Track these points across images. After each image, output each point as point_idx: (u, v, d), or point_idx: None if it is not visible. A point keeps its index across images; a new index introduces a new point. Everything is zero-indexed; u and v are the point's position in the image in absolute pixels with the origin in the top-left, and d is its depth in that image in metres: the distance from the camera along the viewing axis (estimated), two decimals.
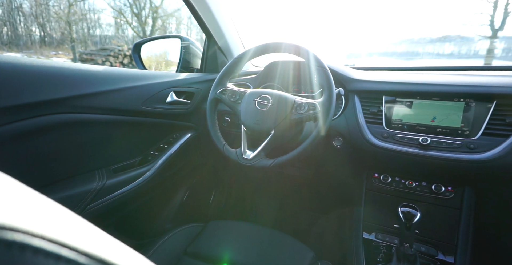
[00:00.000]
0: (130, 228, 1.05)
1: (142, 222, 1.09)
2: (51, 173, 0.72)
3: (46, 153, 0.69)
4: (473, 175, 0.76)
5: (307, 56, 0.79)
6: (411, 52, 7.42)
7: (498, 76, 0.82)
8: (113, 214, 0.91)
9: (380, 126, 0.87)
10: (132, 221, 1.04)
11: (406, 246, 0.74)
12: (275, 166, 0.76)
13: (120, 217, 0.95)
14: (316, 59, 0.78)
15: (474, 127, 0.74)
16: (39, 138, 0.66)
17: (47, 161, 0.70)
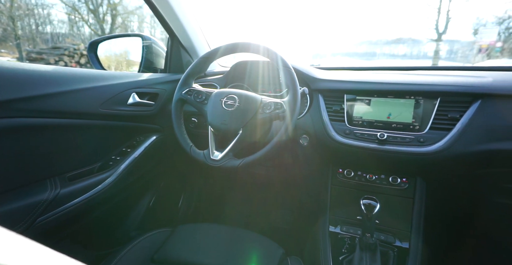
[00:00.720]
0: (89, 239, 0.98)
1: (103, 231, 1.03)
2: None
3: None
4: (423, 166, 0.84)
5: (272, 56, 0.80)
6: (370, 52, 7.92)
7: (442, 75, 0.90)
8: (69, 226, 0.84)
9: (343, 123, 0.91)
10: (91, 232, 0.97)
11: (367, 236, 0.79)
12: (244, 165, 0.76)
13: (77, 228, 0.88)
14: (281, 59, 0.80)
15: (423, 122, 0.82)
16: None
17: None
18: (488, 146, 0.74)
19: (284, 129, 0.75)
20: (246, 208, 1.44)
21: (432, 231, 0.92)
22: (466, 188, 0.90)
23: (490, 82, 0.77)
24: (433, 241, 0.92)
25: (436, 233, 0.96)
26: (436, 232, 0.95)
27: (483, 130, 0.74)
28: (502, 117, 0.74)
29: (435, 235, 0.95)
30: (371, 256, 0.79)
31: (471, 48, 6.43)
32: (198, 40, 1.18)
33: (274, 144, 0.75)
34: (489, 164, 0.78)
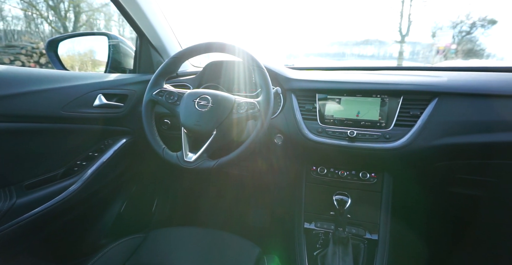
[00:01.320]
0: (53, 250, 0.92)
1: (69, 241, 0.96)
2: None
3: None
4: (389, 161, 0.89)
5: (245, 57, 0.81)
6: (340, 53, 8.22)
7: (405, 75, 0.96)
8: (29, 237, 0.78)
9: (315, 122, 0.94)
10: (56, 242, 0.91)
11: (340, 230, 0.82)
12: (219, 166, 0.76)
13: (39, 240, 0.82)
14: (254, 59, 0.80)
15: (389, 119, 0.86)
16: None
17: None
18: (445, 140, 0.80)
19: (258, 129, 0.75)
20: (223, 209, 1.43)
21: (399, 222, 0.98)
22: (427, 180, 0.97)
23: (445, 81, 0.84)
24: (399, 232, 0.98)
25: (402, 224, 1.02)
26: (402, 223, 1.02)
27: (441, 126, 0.80)
28: (456, 113, 0.80)
29: (401, 226, 1.01)
30: (344, 250, 0.83)
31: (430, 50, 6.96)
32: (168, 40, 1.15)
33: (249, 144, 0.75)
34: (447, 157, 0.84)
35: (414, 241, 1.11)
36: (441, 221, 1.12)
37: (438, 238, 1.14)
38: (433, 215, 1.11)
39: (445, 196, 1.03)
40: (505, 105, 0.77)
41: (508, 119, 0.76)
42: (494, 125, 0.77)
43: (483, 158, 0.82)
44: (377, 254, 0.89)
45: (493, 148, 0.78)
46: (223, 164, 0.76)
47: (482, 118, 0.78)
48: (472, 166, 0.85)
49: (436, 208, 1.09)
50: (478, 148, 0.79)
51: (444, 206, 1.08)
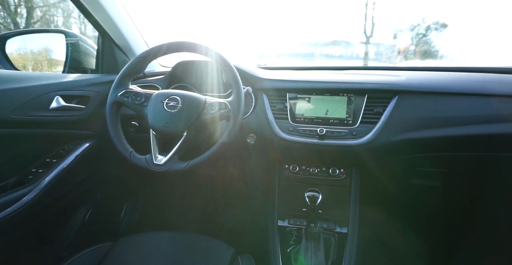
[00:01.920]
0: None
1: (23, 256, 0.88)
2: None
3: None
4: (356, 156, 0.93)
5: (214, 57, 0.80)
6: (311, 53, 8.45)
7: (369, 74, 1.01)
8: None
9: (286, 121, 0.96)
10: (10, 258, 0.83)
11: (312, 226, 0.85)
12: (190, 168, 0.74)
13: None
14: (223, 59, 0.79)
15: (355, 117, 0.91)
16: None
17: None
18: (406, 135, 0.86)
19: (230, 129, 0.75)
20: (196, 211, 1.41)
21: (367, 214, 1.03)
22: (390, 174, 1.04)
23: (403, 80, 0.90)
24: (367, 224, 1.04)
25: (369, 216, 1.08)
26: (369, 215, 1.07)
27: (401, 122, 0.86)
28: (414, 110, 0.86)
29: (369, 218, 1.07)
30: (316, 244, 0.86)
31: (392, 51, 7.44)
32: (134, 39, 1.10)
33: (221, 144, 0.75)
34: (408, 151, 0.91)
35: (381, 232, 1.18)
36: (404, 211, 1.20)
37: (402, 228, 1.22)
38: (397, 206, 1.19)
39: (407, 187, 1.10)
40: (455, 102, 0.84)
41: (459, 115, 0.83)
42: (447, 120, 0.84)
43: (439, 151, 0.89)
44: (347, 247, 0.93)
45: (447, 141, 0.85)
46: (195, 166, 0.74)
47: (436, 114, 0.85)
48: (430, 159, 0.92)
49: (400, 199, 1.17)
50: (434, 142, 0.86)
51: (407, 197, 1.16)
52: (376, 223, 1.15)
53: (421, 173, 1.00)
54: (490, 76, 0.91)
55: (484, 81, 0.87)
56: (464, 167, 0.93)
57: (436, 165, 0.95)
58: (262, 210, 1.13)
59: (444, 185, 1.02)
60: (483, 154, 0.86)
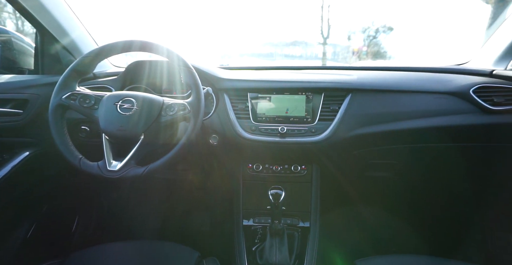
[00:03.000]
0: None
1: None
2: None
3: None
4: (316, 153, 0.97)
5: (171, 56, 0.77)
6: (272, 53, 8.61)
7: (325, 74, 1.07)
8: None
9: (248, 120, 0.96)
10: None
11: (276, 223, 0.86)
12: (149, 173, 0.70)
13: None
14: (180, 59, 0.77)
15: (313, 115, 0.95)
16: None
17: None
18: (359, 131, 0.92)
19: (191, 130, 0.73)
20: (158, 217, 1.35)
21: (327, 207, 1.08)
22: (347, 168, 1.10)
23: (355, 79, 0.96)
24: (329, 217, 1.09)
25: (330, 208, 1.13)
26: (330, 208, 1.13)
27: (355, 118, 0.92)
28: (366, 107, 0.93)
29: (329, 210, 1.12)
30: (280, 241, 0.88)
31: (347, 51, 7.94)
32: (80, 37, 1.01)
33: (181, 146, 0.72)
34: (361, 145, 0.97)
35: (340, 223, 1.25)
36: (361, 202, 1.29)
37: (360, 218, 1.31)
38: (354, 198, 1.27)
39: (362, 179, 1.18)
40: (400, 99, 0.93)
41: (403, 110, 0.92)
42: (393, 116, 0.92)
43: (388, 144, 0.97)
44: (309, 240, 0.96)
45: (394, 135, 0.93)
46: (155, 170, 0.71)
47: (384, 110, 0.92)
48: (381, 152, 1.00)
49: (356, 191, 1.25)
50: (383, 136, 0.93)
51: (362, 189, 1.25)
52: (336, 215, 1.21)
53: (374, 165, 1.08)
54: (427, 75, 1.01)
55: (422, 80, 0.97)
56: (409, 158, 1.03)
57: (386, 157, 1.03)
58: (227, 211, 1.13)
59: (394, 175, 1.12)
60: (424, 145, 0.96)
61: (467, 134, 0.91)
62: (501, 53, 0.97)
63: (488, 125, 0.87)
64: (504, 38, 0.95)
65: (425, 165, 1.05)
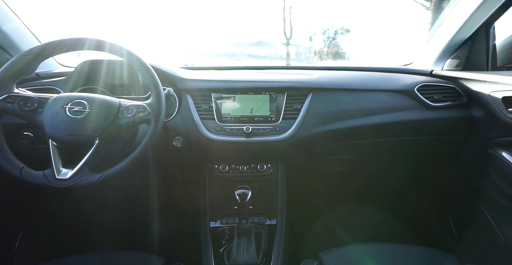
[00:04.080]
0: None
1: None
2: None
3: None
4: (280, 151, 0.99)
5: (127, 56, 0.73)
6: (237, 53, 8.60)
7: (288, 73, 1.09)
8: None
9: (213, 121, 0.95)
10: None
11: (243, 223, 0.86)
12: (106, 179, 0.66)
13: None
14: (137, 58, 0.73)
15: (277, 114, 0.97)
16: None
17: None
18: (321, 128, 0.96)
19: (151, 133, 0.70)
20: (120, 226, 1.27)
21: (293, 203, 1.11)
22: (310, 164, 1.14)
23: (316, 79, 1.00)
24: (295, 213, 1.12)
25: (296, 204, 1.16)
26: (296, 204, 1.16)
27: (316, 116, 0.96)
28: (326, 105, 0.97)
29: (295, 206, 1.15)
30: (248, 240, 0.88)
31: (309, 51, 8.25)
32: (16, 31, 0.91)
33: (141, 150, 0.69)
34: (323, 142, 1.02)
35: (306, 218, 1.29)
36: (324, 196, 1.35)
37: (324, 211, 1.36)
38: (318, 192, 1.33)
39: (324, 175, 1.24)
40: (356, 97, 0.99)
41: (361, 107, 0.98)
42: (350, 113, 0.97)
43: (347, 140, 1.03)
44: (276, 237, 0.98)
45: (352, 131, 0.99)
46: (112, 176, 0.66)
47: (342, 108, 0.97)
48: (340, 148, 1.06)
49: (319, 186, 1.30)
50: (344, 132, 0.99)
51: (325, 183, 1.31)
52: (301, 211, 1.25)
53: (335, 161, 1.14)
54: (379, 75, 1.09)
55: (375, 79, 1.05)
56: (367, 152, 1.10)
57: (346, 152, 1.09)
58: (193, 214, 1.10)
59: (353, 169, 1.19)
60: (379, 140, 1.03)
61: (414, 128, 1.00)
62: (438, 55, 1.09)
63: (430, 119, 0.96)
64: (439, 42, 1.07)
65: (380, 158, 1.14)
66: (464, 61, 1.03)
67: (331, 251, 0.73)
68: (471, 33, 0.98)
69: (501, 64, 0.97)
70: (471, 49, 1.01)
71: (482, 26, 0.95)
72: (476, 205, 1.07)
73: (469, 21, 0.94)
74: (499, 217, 0.99)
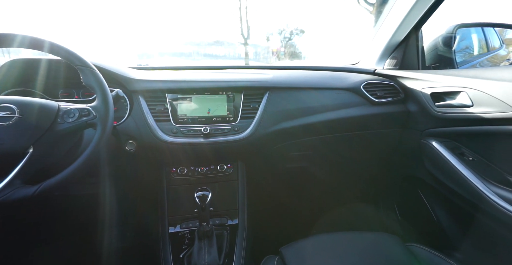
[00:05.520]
0: None
1: None
2: None
3: None
4: (240, 150, 1.00)
5: (64, 54, 0.66)
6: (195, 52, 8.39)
7: (245, 73, 1.10)
8: None
9: (169, 123, 0.92)
10: None
11: (204, 225, 0.85)
12: (44, 192, 0.59)
13: None
14: (77, 57, 0.67)
15: (235, 113, 0.97)
16: None
17: None
18: (278, 126, 0.99)
19: (98, 138, 0.65)
20: (70, 240, 1.15)
21: (255, 202, 1.12)
22: (270, 161, 1.17)
23: (271, 78, 1.03)
24: (256, 211, 1.14)
25: (257, 203, 1.18)
26: (257, 202, 1.18)
27: (273, 115, 0.98)
28: (282, 103, 1.01)
29: (257, 205, 1.17)
30: (209, 242, 0.87)
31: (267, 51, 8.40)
32: None
33: (86, 157, 0.63)
34: (281, 139, 1.05)
35: (267, 216, 1.31)
36: (284, 192, 1.39)
37: (284, 208, 1.41)
38: (278, 189, 1.36)
39: (284, 171, 1.28)
40: (310, 95, 1.04)
41: (315, 104, 1.03)
42: (305, 110, 1.02)
43: (303, 136, 1.08)
44: (237, 236, 0.98)
45: (307, 128, 1.04)
46: (52, 188, 0.60)
47: (298, 106, 1.02)
48: (298, 144, 1.10)
49: (279, 182, 1.34)
50: (300, 129, 1.03)
51: (285, 180, 1.35)
52: (263, 208, 1.27)
53: (293, 157, 1.18)
54: (330, 74, 1.16)
55: (327, 78, 1.11)
56: (322, 148, 1.16)
57: (303, 149, 1.14)
58: (151, 221, 1.05)
59: (310, 164, 1.25)
60: (333, 135, 1.10)
61: (361, 123, 1.08)
62: (379, 55, 1.20)
63: (374, 114, 1.06)
64: (380, 43, 1.17)
65: (334, 153, 1.21)
66: (400, 61, 1.15)
67: (291, 245, 0.75)
68: (404, 35, 1.10)
69: (429, 64, 1.11)
70: (405, 50, 1.14)
71: (413, 30, 1.07)
72: (414, 190, 1.21)
73: (402, 25, 1.05)
74: (433, 200, 1.13)
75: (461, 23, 1.08)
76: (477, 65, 1.26)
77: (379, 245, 0.73)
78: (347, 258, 0.67)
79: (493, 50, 1.35)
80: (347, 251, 0.70)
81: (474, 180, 0.81)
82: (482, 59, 1.31)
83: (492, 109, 0.73)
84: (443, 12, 1.01)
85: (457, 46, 1.08)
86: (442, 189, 1.00)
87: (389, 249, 0.71)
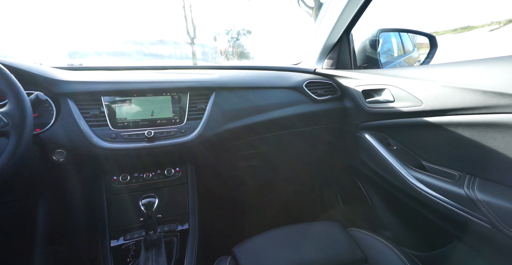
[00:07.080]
0: None
1: None
2: None
3: None
4: (188, 153, 0.97)
5: None
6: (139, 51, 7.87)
7: (190, 73, 1.06)
8: None
9: (106, 127, 0.84)
10: None
11: (151, 234, 0.80)
12: None
13: None
14: None
15: (181, 115, 0.93)
16: None
17: None
18: (226, 126, 0.99)
19: (13, 149, 0.56)
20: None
21: (206, 205, 1.10)
22: (220, 162, 1.15)
23: (217, 78, 1.02)
24: (208, 214, 1.12)
25: (209, 205, 1.16)
26: (209, 205, 1.16)
27: (221, 115, 0.98)
28: (229, 103, 1.01)
29: (209, 207, 1.15)
30: (157, 251, 0.81)
31: (215, 51, 8.33)
32: None
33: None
34: (231, 139, 1.05)
35: (219, 217, 1.30)
36: (236, 192, 1.40)
37: (236, 208, 1.41)
38: (230, 189, 1.36)
39: (236, 171, 1.28)
40: (255, 94, 1.06)
41: (262, 103, 1.05)
42: (252, 110, 1.04)
43: (254, 135, 1.09)
44: (188, 241, 0.95)
45: (254, 127, 1.05)
46: None
47: (244, 106, 1.03)
48: (249, 143, 1.11)
49: (231, 182, 1.34)
50: (249, 128, 1.04)
51: (237, 179, 1.35)
52: (215, 209, 1.25)
53: (244, 156, 1.20)
54: (275, 73, 1.20)
55: (272, 77, 1.15)
56: (271, 145, 1.20)
57: (254, 147, 1.16)
58: (89, 237, 0.94)
59: (262, 162, 1.28)
60: (280, 132, 1.15)
61: (304, 119, 1.15)
62: (318, 56, 1.29)
63: (316, 111, 1.14)
64: (318, 44, 1.26)
65: (281, 149, 1.26)
66: (336, 61, 1.26)
67: (243, 243, 0.76)
68: (338, 38, 1.20)
69: (360, 64, 1.24)
70: (339, 51, 1.24)
71: (344, 32, 1.18)
72: (353, 179, 1.33)
73: (335, 28, 1.15)
74: (368, 187, 1.27)
75: (383, 28, 1.23)
76: (397, 65, 1.45)
77: (323, 233, 0.78)
78: (295, 249, 0.71)
79: (408, 53, 1.58)
80: (294, 243, 0.73)
81: (398, 166, 0.93)
82: (400, 60, 1.52)
83: (408, 103, 0.85)
84: (372, 18, 1.13)
85: (381, 48, 1.22)
86: (375, 176, 1.12)
87: (332, 236, 0.77)
